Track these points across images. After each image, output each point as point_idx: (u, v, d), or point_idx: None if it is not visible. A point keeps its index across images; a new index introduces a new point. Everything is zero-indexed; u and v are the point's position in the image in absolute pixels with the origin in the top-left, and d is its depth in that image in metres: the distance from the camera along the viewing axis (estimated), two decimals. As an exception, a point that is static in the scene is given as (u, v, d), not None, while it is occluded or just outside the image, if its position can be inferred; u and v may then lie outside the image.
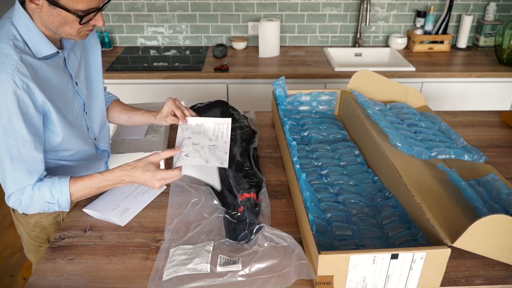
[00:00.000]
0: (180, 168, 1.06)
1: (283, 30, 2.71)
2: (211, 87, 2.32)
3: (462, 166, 1.28)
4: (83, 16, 0.98)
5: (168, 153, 1.09)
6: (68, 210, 1.10)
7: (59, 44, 1.10)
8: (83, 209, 1.16)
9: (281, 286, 0.91)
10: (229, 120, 1.18)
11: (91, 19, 1.01)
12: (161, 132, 1.44)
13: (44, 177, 1.05)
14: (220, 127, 1.18)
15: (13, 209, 1.27)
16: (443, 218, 0.98)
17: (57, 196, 1.03)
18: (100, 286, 0.94)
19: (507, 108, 2.44)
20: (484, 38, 2.68)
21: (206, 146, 1.11)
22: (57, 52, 1.06)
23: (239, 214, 1.10)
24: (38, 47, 1.01)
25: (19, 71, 0.95)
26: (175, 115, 1.22)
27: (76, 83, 1.14)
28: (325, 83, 2.33)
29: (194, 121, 1.19)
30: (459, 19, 2.72)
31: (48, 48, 1.03)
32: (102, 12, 1.04)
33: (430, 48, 2.65)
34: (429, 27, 2.64)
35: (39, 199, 1.03)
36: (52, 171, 1.14)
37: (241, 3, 2.63)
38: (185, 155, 1.07)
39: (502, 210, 1.07)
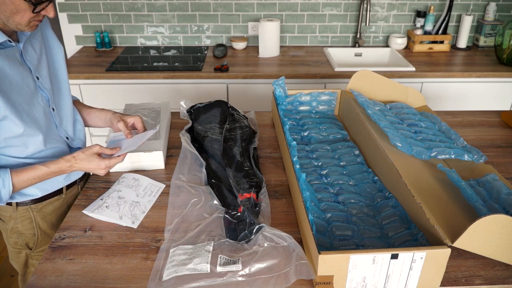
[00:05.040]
0: (123, 154, 1.16)
1: (283, 30, 2.71)
2: (211, 87, 2.32)
3: (462, 166, 1.28)
4: (36, 4, 0.99)
5: (109, 151, 1.14)
6: (4, 204, 1.10)
7: (15, 36, 1.09)
8: (84, 211, 1.16)
9: (281, 286, 0.91)
10: (162, 185, 1.28)
11: (43, 9, 1.02)
12: (162, 133, 1.44)
13: None
14: (152, 187, 1.26)
15: None
16: (443, 218, 0.99)
17: None
18: (100, 286, 0.94)
19: (507, 108, 2.44)
20: (484, 38, 2.68)
21: (130, 201, 1.19)
22: (9, 41, 1.04)
23: (239, 214, 1.11)
24: None
25: None
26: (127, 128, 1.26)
27: (37, 77, 1.12)
28: (325, 83, 2.33)
29: (132, 176, 1.29)
30: (459, 19, 2.72)
31: None
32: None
33: (430, 48, 2.65)
34: (429, 27, 2.64)
35: None
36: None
37: (241, 3, 2.63)
38: (106, 206, 1.16)
39: (502, 210, 1.07)
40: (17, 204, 1.20)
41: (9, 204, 1.20)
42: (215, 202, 1.18)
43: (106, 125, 1.35)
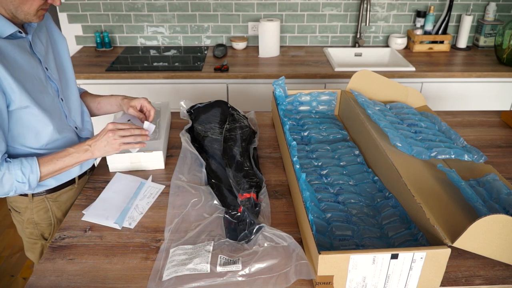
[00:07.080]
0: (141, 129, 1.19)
1: (283, 30, 2.71)
2: (211, 87, 2.32)
3: (462, 166, 1.28)
4: None
5: (122, 125, 1.16)
6: (33, 192, 1.13)
7: (22, 29, 1.11)
8: (83, 212, 1.16)
9: (281, 286, 0.91)
10: (162, 186, 1.27)
11: None
12: (162, 133, 1.44)
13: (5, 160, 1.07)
14: (152, 190, 1.26)
15: (9, 208, 1.28)
16: (443, 218, 0.99)
17: (28, 174, 1.06)
18: (100, 286, 0.94)
19: (507, 108, 2.44)
20: (484, 38, 2.68)
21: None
22: (19, 32, 1.07)
23: (239, 214, 1.11)
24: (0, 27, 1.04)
25: None
26: (140, 112, 1.33)
27: (46, 68, 1.16)
28: (325, 83, 2.33)
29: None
30: (459, 19, 2.72)
31: (8, 28, 1.04)
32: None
33: (430, 48, 2.65)
34: (429, 27, 2.64)
35: (9, 179, 1.05)
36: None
37: (241, 3, 2.63)
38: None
39: (502, 210, 1.07)
40: (33, 195, 1.24)
41: (25, 195, 1.23)
42: (215, 202, 1.18)
43: (119, 110, 1.40)
